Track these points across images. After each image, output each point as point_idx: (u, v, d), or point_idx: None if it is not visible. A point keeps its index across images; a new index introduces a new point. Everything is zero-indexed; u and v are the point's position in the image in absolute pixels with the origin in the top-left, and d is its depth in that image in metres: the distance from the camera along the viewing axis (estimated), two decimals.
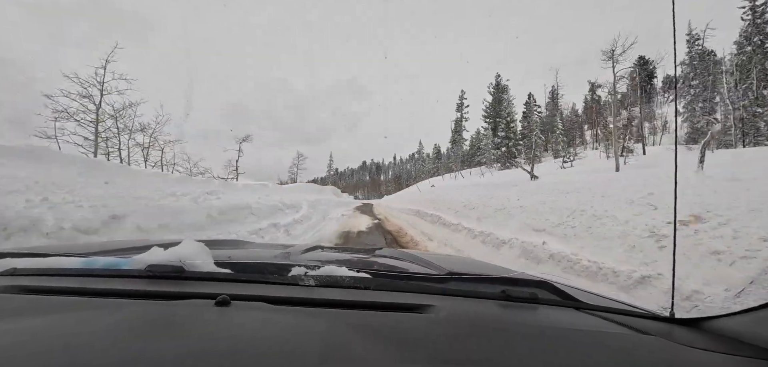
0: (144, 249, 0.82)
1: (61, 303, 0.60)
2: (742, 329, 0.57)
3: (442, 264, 1.05)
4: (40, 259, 0.78)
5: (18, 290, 0.66)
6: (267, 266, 0.81)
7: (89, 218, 4.14)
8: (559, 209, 4.87)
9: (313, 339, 0.48)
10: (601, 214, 4.04)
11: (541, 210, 5.16)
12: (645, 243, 3.07)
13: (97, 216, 4.28)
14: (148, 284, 0.71)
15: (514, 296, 0.72)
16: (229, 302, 0.59)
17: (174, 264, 0.74)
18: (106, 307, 0.58)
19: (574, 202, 4.89)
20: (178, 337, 0.47)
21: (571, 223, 4.28)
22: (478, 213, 6.96)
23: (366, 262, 1.08)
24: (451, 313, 0.63)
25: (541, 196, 6.07)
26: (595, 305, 0.72)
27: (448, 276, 0.79)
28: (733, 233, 2.65)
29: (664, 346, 0.55)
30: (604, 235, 3.58)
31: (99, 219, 4.26)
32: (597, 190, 5.30)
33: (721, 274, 2.35)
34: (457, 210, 8.24)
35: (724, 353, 0.52)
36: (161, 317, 0.54)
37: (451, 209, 8.70)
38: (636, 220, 3.51)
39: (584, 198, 4.93)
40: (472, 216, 7.04)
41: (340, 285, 0.73)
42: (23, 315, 0.54)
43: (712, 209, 3.10)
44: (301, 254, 1.17)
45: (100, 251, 0.98)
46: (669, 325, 0.66)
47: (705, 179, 4.93)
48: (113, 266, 0.76)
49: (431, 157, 63.26)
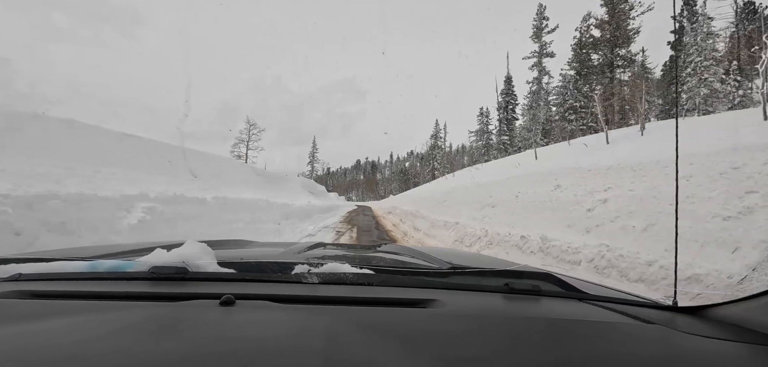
0: (147, 251, 0.82)
1: (66, 307, 0.60)
2: (744, 316, 0.57)
3: (445, 258, 1.05)
4: (44, 263, 0.78)
5: (23, 294, 0.67)
6: (270, 265, 0.81)
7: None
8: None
9: (318, 336, 0.48)
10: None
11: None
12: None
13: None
14: (153, 285, 0.71)
15: (517, 288, 0.72)
16: (233, 301, 0.59)
17: (177, 265, 0.74)
18: (111, 310, 0.59)
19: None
20: (183, 338, 0.47)
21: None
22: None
23: (369, 258, 1.09)
24: (455, 307, 0.63)
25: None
26: (598, 296, 0.73)
27: (451, 270, 0.80)
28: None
29: (667, 334, 0.55)
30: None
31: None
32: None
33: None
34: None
35: (726, 340, 0.53)
36: (166, 318, 0.54)
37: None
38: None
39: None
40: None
41: (344, 282, 0.73)
42: (29, 320, 0.54)
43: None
44: (304, 252, 1.17)
45: (104, 254, 0.99)
46: (672, 314, 0.66)
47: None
48: (117, 269, 0.77)
49: (448, 149, 52.95)
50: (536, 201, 6.99)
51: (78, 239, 4.25)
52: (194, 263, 0.75)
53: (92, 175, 8.18)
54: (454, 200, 11.69)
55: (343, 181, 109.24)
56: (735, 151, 4.68)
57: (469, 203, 9.91)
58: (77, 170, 7.97)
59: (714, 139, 5.73)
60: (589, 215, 5.09)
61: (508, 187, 9.30)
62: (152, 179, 10.00)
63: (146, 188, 7.35)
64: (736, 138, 5.46)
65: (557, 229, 5.21)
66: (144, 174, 10.86)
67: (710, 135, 6.28)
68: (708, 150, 5.14)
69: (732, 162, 4.36)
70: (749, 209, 3.34)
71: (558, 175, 7.99)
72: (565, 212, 5.68)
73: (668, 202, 4.19)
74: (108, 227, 4.88)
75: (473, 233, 6.71)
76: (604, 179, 6.28)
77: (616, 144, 10.40)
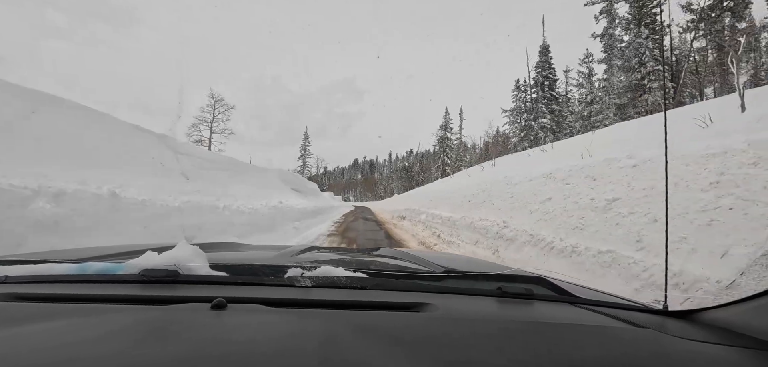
0: (138, 253, 0.81)
1: (54, 310, 0.59)
2: (734, 320, 0.58)
3: (439, 262, 1.05)
4: (31, 265, 0.77)
5: (10, 297, 0.65)
6: (263, 268, 0.81)
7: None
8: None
9: (311, 340, 0.48)
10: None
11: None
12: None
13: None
14: (143, 288, 0.70)
15: (510, 292, 0.72)
16: (225, 305, 0.58)
17: (168, 268, 0.73)
18: (100, 313, 0.58)
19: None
20: (174, 342, 0.47)
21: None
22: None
23: (362, 262, 1.09)
24: (448, 310, 0.63)
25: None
26: (589, 300, 0.73)
27: (445, 274, 0.80)
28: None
29: (657, 338, 0.56)
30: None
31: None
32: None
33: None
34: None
35: (716, 343, 0.53)
36: (156, 322, 0.54)
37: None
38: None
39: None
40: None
41: (337, 285, 0.73)
42: (16, 323, 0.53)
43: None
44: (297, 255, 1.16)
45: (93, 256, 0.97)
46: (662, 317, 0.67)
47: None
48: (107, 272, 0.76)
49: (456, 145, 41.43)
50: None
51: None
52: (185, 266, 0.74)
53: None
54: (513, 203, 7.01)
55: (340, 180, 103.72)
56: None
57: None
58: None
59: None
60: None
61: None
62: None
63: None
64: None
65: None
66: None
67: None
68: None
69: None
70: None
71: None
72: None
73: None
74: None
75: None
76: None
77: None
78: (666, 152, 0.88)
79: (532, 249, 4.87)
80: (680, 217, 3.28)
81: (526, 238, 5.22)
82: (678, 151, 4.38)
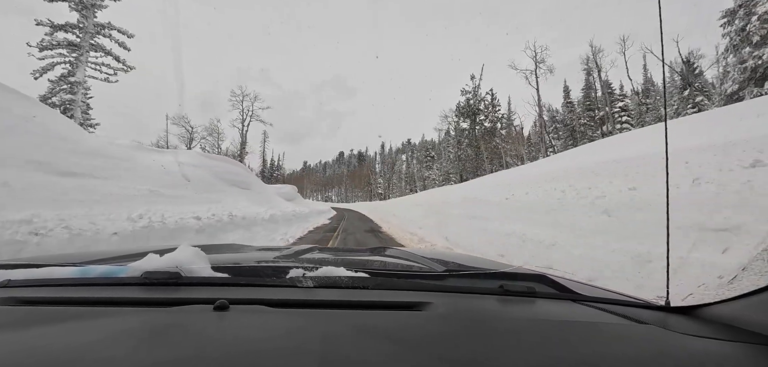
0: (140, 256, 0.81)
1: (57, 314, 0.59)
2: (735, 315, 0.58)
3: (440, 261, 1.05)
4: (34, 269, 0.77)
5: (13, 301, 0.65)
6: (265, 269, 0.81)
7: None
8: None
9: (313, 340, 0.48)
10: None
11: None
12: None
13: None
14: (145, 291, 0.70)
15: (511, 290, 0.72)
16: (227, 306, 0.58)
17: (170, 270, 0.73)
18: (103, 316, 0.58)
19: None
20: (177, 344, 0.47)
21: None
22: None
23: (364, 261, 1.09)
24: (450, 309, 0.63)
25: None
26: (591, 297, 0.73)
27: (446, 273, 0.80)
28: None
29: (659, 334, 0.56)
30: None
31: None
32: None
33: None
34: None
35: (718, 339, 0.53)
36: (159, 324, 0.54)
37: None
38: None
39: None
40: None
41: (339, 285, 0.73)
42: (19, 327, 0.53)
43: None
44: (298, 256, 1.17)
45: (96, 259, 0.97)
46: (664, 313, 0.67)
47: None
48: (109, 275, 0.76)
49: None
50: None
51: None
52: (188, 268, 0.75)
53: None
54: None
55: (322, 177, 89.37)
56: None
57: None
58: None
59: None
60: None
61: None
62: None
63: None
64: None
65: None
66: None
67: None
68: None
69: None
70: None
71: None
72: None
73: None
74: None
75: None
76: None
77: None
78: (666, 152, 0.88)
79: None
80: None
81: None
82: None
